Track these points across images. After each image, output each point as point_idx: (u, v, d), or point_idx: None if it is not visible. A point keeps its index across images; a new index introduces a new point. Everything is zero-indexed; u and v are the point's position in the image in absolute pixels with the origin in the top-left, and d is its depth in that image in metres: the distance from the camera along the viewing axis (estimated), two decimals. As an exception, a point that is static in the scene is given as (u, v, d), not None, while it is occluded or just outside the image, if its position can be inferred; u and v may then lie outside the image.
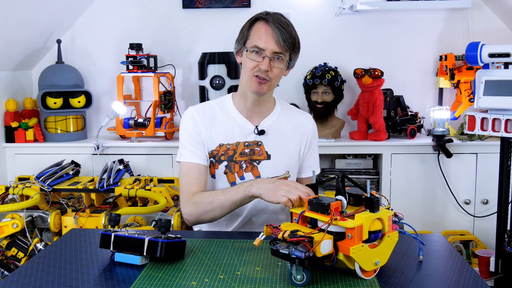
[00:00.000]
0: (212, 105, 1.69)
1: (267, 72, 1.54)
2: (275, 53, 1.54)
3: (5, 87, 2.84)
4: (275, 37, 1.53)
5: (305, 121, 1.75)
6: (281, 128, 1.68)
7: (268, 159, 1.64)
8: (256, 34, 1.55)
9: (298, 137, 1.71)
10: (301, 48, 1.64)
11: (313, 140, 1.75)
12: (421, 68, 3.04)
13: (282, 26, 1.54)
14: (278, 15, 1.59)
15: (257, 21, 1.58)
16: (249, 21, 1.60)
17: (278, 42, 1.53)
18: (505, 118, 2.14)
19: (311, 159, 1.75)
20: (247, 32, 1.58)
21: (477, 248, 2.62)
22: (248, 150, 1.63)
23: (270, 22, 1.54)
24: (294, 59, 1.62)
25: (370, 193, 1.11)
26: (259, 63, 1.54)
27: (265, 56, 1.53)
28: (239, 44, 1.61)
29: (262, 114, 1.67)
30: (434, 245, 1.34)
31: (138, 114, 3.06)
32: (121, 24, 3.08)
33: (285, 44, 1.54)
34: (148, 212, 2.16)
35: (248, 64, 1.56)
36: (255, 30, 1.57)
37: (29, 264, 1.24)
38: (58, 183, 2.35)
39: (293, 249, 1.03)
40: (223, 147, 1.63)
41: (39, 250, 2.17)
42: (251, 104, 1.64)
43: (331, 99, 2.82)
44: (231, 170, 1.62)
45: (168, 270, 1.18)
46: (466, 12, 2.95)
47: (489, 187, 2.62)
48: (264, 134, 1.64)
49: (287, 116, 1.72)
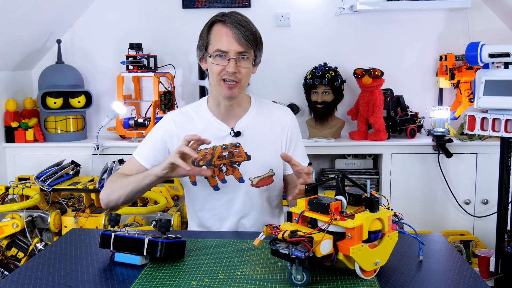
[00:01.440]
0: (188, 111, 1.68)
1: (235, 74, 1.52)
2: (239, 53, 1.51)
3: (5, 87, 2.84)
4: (235, 37, 1.50)
5: (282, 115, 1.71)
6: (259, 127, 1.65)
7: (248, 159, 1.62)
8: (216, 38, 1.52)
9: (278, 134, 1.67)
10: (300, 48, 1.64)
11: (294, 133, 1.70)
12: (421, 68, 3.04)
13: (240, 24, 1.51)
14: (235, 14, 1.55)
15: (214, 24, 1.55)
16: (206, 26, 1.57)
17: (240, 41, 1.50)
18: (505, 118, 2.14)
19: (296, 152, 1.69)
20: (206, 37, 1.55)
21: (477, 248, 2.62)
22: (226, 153, 1.61)
23: (227, 22, 1.51)
24: (259, 55, 1.60)
25: (370, 193, 1.11)
26: (225, 66, 1.51)
27: (229, 58, 1.50)
28: (201, 51, 1.58)
29: (237, 115, 1.65)
30: (434, 245, 1.34)
31: (138, 114, 3.06)
32: (121, 24, 3.09)
33: (247, 43, 1.51)
34: (148, 212, 2.16)
35: (214, 69, 1.53)
36: (214, 34, 1.54)
37: (29, 264, 1.24)
38: (58, 183, 2.35)
39: (293, 249, 1.03)
40: (200, 152, 1.61)
41: (39, 250, 2.17)
42: (225, 107, 1.62)
43: (331, 99, 2.82)
44: (212, 175, 1.60)
45: (168, 270, 1.18)
46: (466, 12, 2.95)
47: (489, 187, 2.62)
48: (240, 136, 1.62)
49: (263, 114, 1.68)
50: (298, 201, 1.18)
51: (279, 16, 3.00)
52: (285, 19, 3.00)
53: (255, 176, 1.62)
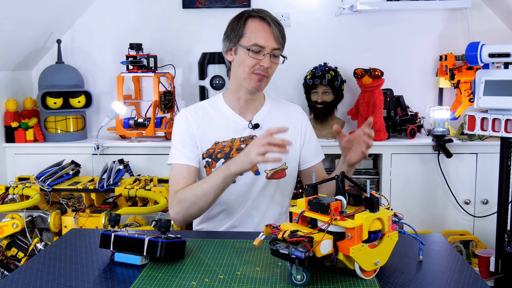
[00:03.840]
0: (203, 105, 1.71)
1: (267, 69, 1.57)
2: (274, 49, 1.56)
3: (5, 87, 2.84)
4: (274, 34, 1.55)
5: (295, 111, 1.78)
6: (274, 120, 1.69)
7: None
8: (253, 32, 1.55)
9: (292, 128, 1.69)
10: (300, 48, 1.67)
11: (308, 127, 1.77)
12: (421, 68, 3.04)
13: (277, 22, 1.58)
14: (268, 12, 1.61)
15: (250, 18, 1.58)
16: (238, 19, 1.59)
17: (278, 39, 1.56)
18: (505, 118, 2.14)
19: (310, 146, 1.75)
20: (241, 29, 1.57)
21: (477, 248, 2.62)
22: (244, 145, 1.63)
23: (266, 18, 1.56)
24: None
25: (370, 193, 1.11)
26: (260, 61, 1.55)
27: (265, 54, 1.55)
28: (231, 42, 1.60)
29: (254, 109, 1.69)
30: (434, 245, 1.34)
31: (138, 114, 3.06)
32: (121, 24, 3.09)
33: (282, 40, 1.58)
34: (148, 212, 2.16)
35: (248, 62, 1.56)
36: (251, 28, 1.56)
37: (29, 264, 1.24)
38: (58, 183, 2.35)
39: (293, 249, 1.03)
40: (218, 145, 1.63)
41: (39, 250, 2.17)
42: (245, 101, 1.66)
43: (331, 99, 2.82)
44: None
45: (168, 270, 1.18)
46: (466, 12, 2.95)
47: (489, 187, 2.62)
48: (258, 128, 1.66)
49: (277, 108, 1.74)
50: (298, 201, 1.18)
51: (279, 16, 2.99)
52: (285, 19, 3.00)
53: (270, 169, 1.65)
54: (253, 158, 1.39)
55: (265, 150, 1.37)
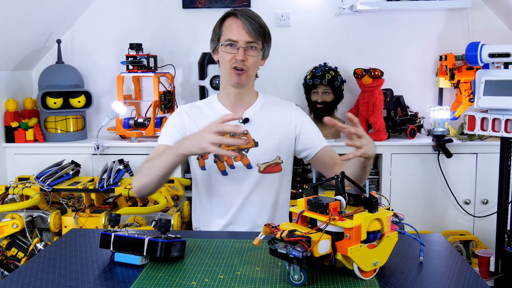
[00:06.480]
0: (198, 104, 1.79)
1: (243, 62, 1.62)
2: (248, 42, 1.62)
3: (5, 87, 2.85)
4: (245, 28, 1.62)
5: (288, 107, 1.79)
6: (266, 116, 1.73)
7: (256, 146, 1.68)
8: (228, 29, 1.65)
9: (285, 123, 1.74)
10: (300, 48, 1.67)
11: (303, 120, 1.76)
12: (421, 68, 3.04)
13: (250, 17, 1.64)
14: (246, 9, 1.69)
15: (226, 18, 1.67)
16: (219, 20, 1.70)
17: (249, 32, 1.62)
18: (505, 118, 2.14)
19: (312, 136, 1.75)
20: (219, 30, 1.67)
21: (477, 248, 2.62)
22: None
23: (238, 15, 1.64)
24: (267, 49, 1.71)
25: (369, 193, 1.11)
26: (235, 55, 1.62)
27: (239, 47, 1.62)
28: (214, 43, 1.70)
29: (245, 105, 1.74)
30: (434, 245, 1.34)
31: (138, 114, 3.06)
32: (121, 24, 3.09)
33: (255, 33, 1.62)
34: (148, 212, 2.16)
35: (225, 57, 1.64)
36: (226, 26, 1.66)
37: (29, 264, 1.24)
38: (58, 183, 2.35)
39: (291, 249, 1.03)
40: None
41: (39, 250, 2.17)
42: (234, 97, 1.72)
43: (331, 99, 2.82)
44: (220, 159, 1.67)
45: (168, 270, 1.18)
46: (466, 12, 2.95)
47: (489, 187, 2.62)
48: (249, 122, 1.70)
49: (270, 105, 1.77)
50: (298, 201, 1.18)
51: (279, 16, 3.00)
52: (285, 19, 3.00)
53: (263, 163, 1.68)
54: (206, 146, 1.38)
55: (220, 140, 1.37)
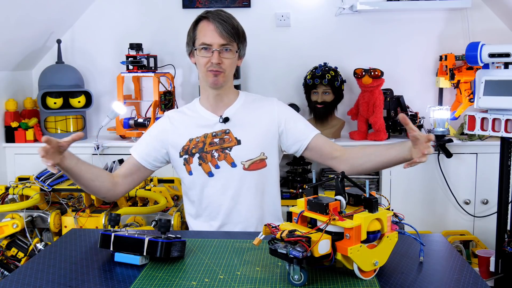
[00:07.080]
0: (183, 109, 1.82)
1: (219, 65, 1.64)
2: (222, 45, 1.64)
3: (5, 87, 2.85)
4: (218, 31, 1.63)
5: (268, 103, 1.77)
6: (246, 114, 1.74)
7: (238, 144, 1.69)
8: (201, 33, 1.66)
9: (266, 118, 1.73)
10: (300, 48, 1.67)
11: (286, 114, 1.75)
12: (421, 68, 3.04)
13: (222, 19, 1.64)
14: (218, 11, 1.69)
15: (199, 21, 1.68)
16: (192, 24, 1.71)
17: (222, 34, 1.63)
18: (505, 118, 2.14)
19: (298, 128, 1.73)
20: (193, 33, 1.69)
21: (477, 248, 2.62)
22: (217, 139, 1.70)
23: (210, 18, 1.65)
24: (243, 48, 1.72)
25: (369, 193, 1.11)
26: (210, 58, 1.64)
27: (213, 50, 1.63)
28: (189, 47, 1.72)
29: (225, 105, 1.75)
30: (434, 245, 1.34)
31: (138, 114, 3.06)
32: (121, 24, 3.09)
33: (228, 35, 1.64)
34: (148, 212, 2.16)
35: (201, 61, 1.66)
36: (199, 30, 1.67)
37: (29, 264, 1.24)
38: (58, 183, 2.34)
39: (290, 249, 1.03)
40: (192, 141, 1.71)
41: (39, 250, 2.17)
42: (213, 98, 1.73)
43: (331, 99, 2.82)
44: (205, 161, 1.69)
45: (168, 270, 1.18)
46: (466, 12, 2.95)
47: (489, 187, 2.62)
48: (229, 121, 1.71)
49: (251, 102, 1.78)
50: (298, 201, 1.18)
51: (279, 16, 3.00)
52: (285, 19, 3.01)
53: (247, 160, 1.68)
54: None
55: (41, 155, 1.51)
